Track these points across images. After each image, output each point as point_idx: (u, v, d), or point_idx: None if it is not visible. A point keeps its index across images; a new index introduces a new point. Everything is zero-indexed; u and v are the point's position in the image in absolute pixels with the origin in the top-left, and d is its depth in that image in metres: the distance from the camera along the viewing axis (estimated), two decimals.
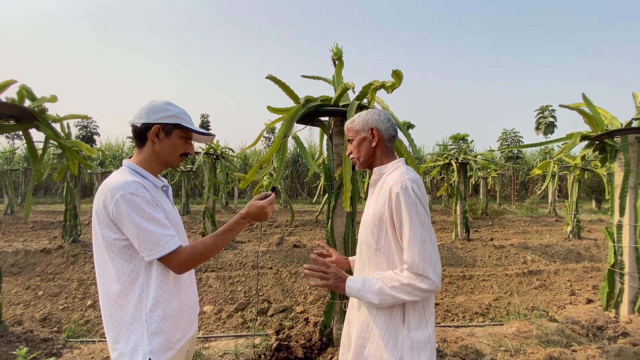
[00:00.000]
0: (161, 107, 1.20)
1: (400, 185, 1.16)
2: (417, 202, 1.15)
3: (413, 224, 1.13)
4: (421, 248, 1.12)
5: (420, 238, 1.13)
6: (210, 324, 3.60)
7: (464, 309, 3.92)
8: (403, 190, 1.15)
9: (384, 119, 1.32)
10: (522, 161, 21.13)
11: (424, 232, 1.14)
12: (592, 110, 3.36)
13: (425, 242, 1.13)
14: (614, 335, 2.94)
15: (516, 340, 2.82)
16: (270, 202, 1.29)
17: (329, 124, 2.77)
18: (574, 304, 4.04)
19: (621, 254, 3.29)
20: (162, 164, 1.25)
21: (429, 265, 1.12)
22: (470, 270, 5.20)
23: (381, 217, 1.21)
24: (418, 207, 1.15)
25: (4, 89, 2.87)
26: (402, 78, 2.13)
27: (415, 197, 1.15)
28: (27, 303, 4.01)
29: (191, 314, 1.27)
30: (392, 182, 1.20)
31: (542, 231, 8.54)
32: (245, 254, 5.60)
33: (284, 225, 9.08)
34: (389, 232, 1.20)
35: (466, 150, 8.21)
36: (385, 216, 1.20)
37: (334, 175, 2.65)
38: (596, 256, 6.07)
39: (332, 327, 2.69)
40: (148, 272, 1.13)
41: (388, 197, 1.19)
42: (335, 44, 2.73)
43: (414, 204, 1.14)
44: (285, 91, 2.55)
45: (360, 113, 1.37)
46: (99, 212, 1.10)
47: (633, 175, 3.23)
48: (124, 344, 1.11)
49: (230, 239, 1.24)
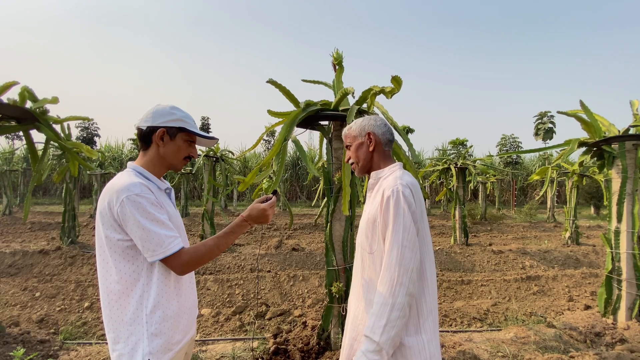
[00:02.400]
0: (166, 111, 1.22)
1: (392, 189, 1.18)
2: (404, 208, 1.15)
3: (396, 228, 1.14)
4: (399, 252, 1.13)
5: (400, 243, 1.13)
6: (207, 327, 3.59)
7: (462, 314, 3.91)
8: (394, 194, 1.17)
9: (380, 124, 1.34)
10: (521, 166, 21.20)
11: (406, 237, 1.14)
12: (590, 117, 3.38)
13: (406, 248, 1.13)
14: (612, 341, 2.95)
15: (514, 346, 2.82)
16: (271, 205, 1.30)
17: (329, 128, 2.79)
18: (572, 310, 4.04)
19: (619, 260, 3.30)
20: (166, 167, 1.27)
21: (405, 270, 1.12)
22: (469, 275, 5.20)
23: (375, 220, 1.23)
24: (405, 213, 1.15)
25: (6, 90, 2.89)
26: (401, 84, 2.15)
27: (404, 202, 1.16)
28: (24, 304, 3.99)
29: (190, 316, 1.28)
30: (385, 186, 1.22)
31: (541, 237, 8.55)
32: (244, 257, 5.60)
33: (283, 228, 9.08)
34: (380, 236, 1.21)
35: (465, 155, 8.24)
36: (378, 220, 1.21)
37: (334, 179, 2.66)
38: (594, 262, 6.07)
39: (330, 331, 2.69)
40: (150, 274, 1.14)
41: (380, 200, 1.20)
42: (336, 49, 2.75)
43: (401, 208, 1.15)
44: (286, 95, 2.57)
45: (356, 120, 1.40)
46: (104, 213, 1.11)
47: (630, 182, 3.25)
48: (123, 345, 1.12)
49: (232, 241, 1.25)
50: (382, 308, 1.12)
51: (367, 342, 1.13)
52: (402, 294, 1.11)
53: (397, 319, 1.11)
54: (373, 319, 1.13)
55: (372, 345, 1.11)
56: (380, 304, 1.13)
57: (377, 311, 1.13)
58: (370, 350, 1.11)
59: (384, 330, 1.10)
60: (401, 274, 1.11)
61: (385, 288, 1.13)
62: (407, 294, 1.11)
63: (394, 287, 1.11)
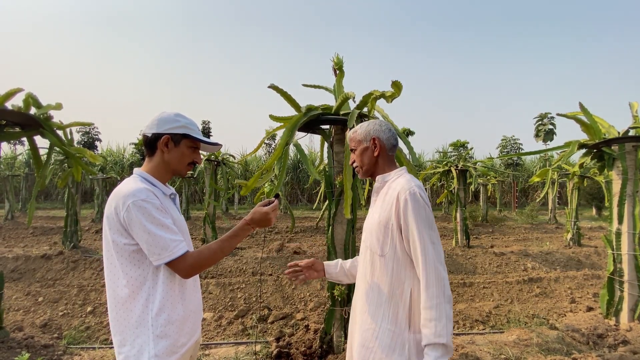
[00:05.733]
0: (171, 118, 1.25)
1: (409, 191, 1.20)
2: (425, 207, 1.20)
3: (423, 228, 1.18)
4: (434, 250, 1.17)
5: (430, 240, 1.18)
6: (210, 330, 3.59)
7: (464, 317, 3.91)
8: (411, 196, 1.20)
9: (385, 129, 1.37)
10: (522, 168, 21.18)
11: (433, 234, 1.19)
12: (590, 119, 3.40)
13: (435, 244, 1.18)
14: (614, 343, 2.94)
15: (516, 348, 2.82)
16: (273, 208, 1.33)
17: (330, 132, 2.81)
18: (575, 311, 4.03)
19: (620, 262, 3.31)
20: (171, 173, 1.30)
21: (442, 265, 1.17)
22: (471, 278, 5.19)
23: (387, 223, 1.24)
24: (427, 211, 1.20)
25: (11, 97, 2.92)
26: (401, 88, 2.17)
27: (423, 202, 1.20)
28: (28, 309, 4.01)
29: (195, 319, 1.29)
30: (399, 189, 1.23)
31: (543, 238, 8.53)
32: (246, 261, 5.61)
33: (285, 231, 9.08)
34: (395, 237, 1.23)
35: (466, 157, 8.26)
36: (392, 222, 1.23)
37: (335, 182, 2.68)
38: (596, 264, 6.06)
39: (332, 334, 2.70)
40: (155, 277, 1.17)
41: (395, 203, 1.22)
42: (336, 54, 2.79)
43: (421, 208, 1.19)
44: (287, 100, 2.60)
45: (362, 124, 1.41)
46: (110, 218, 1.14)
47: (631, 183, 3.26)
48: (129, 348, 1.14)
49: (235, 244, 1.27)
50: (438, 308, 1.12)
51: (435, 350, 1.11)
52: (447, 286, 1.15)
53: (450, 311, 1.14)
54: (433, 324, 1.11)
55: (442, 349, 1.11)
56: (434, 306, 1.13)
57: (434, 315, 1.12)
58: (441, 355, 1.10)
59: (447, 329, 1.11)
60: (441, 270, 1.16)
61: (434, 288, 1.14)
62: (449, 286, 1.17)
63: (441, 283, 1.15)
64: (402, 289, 1.22)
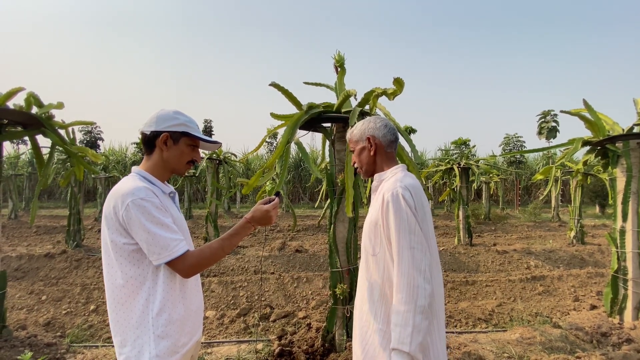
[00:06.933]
0: (170, 116, 1.23)
1: (391, 192, 1.17)
2: (406, 210, 1.14)
3: (402, 231, 1.13)
4: (410, 255, 1.12)
5: (409, 245, 1.12)
6: (212, 329, 3.60)
7: (466, 315, 3.90)
8: (393, 197, 1.16)
9: (380, 126, 1.33)
10: (525, 166, 21.05)
11: (413, 239, 1.13)
12: (593, 115, 3.37)
13: (414, 249, 1.12)
14: (618, 341, 2.92)
15: (520, 346, 2.81)
16: (274, 207, 1.31)
17: (331, 130, 2.80)
18: (578, 310, 4.01)
19: (624, 260, 3.28)
20: (170, 171, 1.28)
21: (418, 272, 1.11)
22: (473, 276, 5.18)
23: (376, 223, 1.23)
24: (407, 215, 1.14)
25: (12, 96, 2.92)
26: (403, 85, 2.15)
27: (405, 204, 1.14)
28: (31, 307, 4.03)
29: (196, 318, 1.28)
30: (385, 189, 1.22)
31: (546, 236, 8.49)
32: (247, 259, 5.61)
33: (286, 230, 9.09)
34: (383, 238, 1.21)
35: (468, 155, 8.22)
36: (380, 222, 1.21)
37: (336, 180, 2.67)
38: (600, 262, 6.02)
39: (334, 332, 2.69)
40: (155, 277, 1.15)
41: (381, 203, 1.20)
42: (337, 52, 2.77)
43: (402, 211, 1.14)
44: (289, 98, 2.58)
45: (357, 123, 1.39)
46: (109, 217, 1.12)
47: (635, 181, 3.23)
48: (130, 348, 1.13)
49: (236, 243, 1.26)
50: (405, 315, 1.08)
51: (400, 356, 1.08)
52: (421, 296, 1.09)
53: (421, 323, 1.08)
54: (398, 330, 1.09)
55: (403, 357, 1.07)
56: (401, 312, 1.09)
57: (399, 321, 1.09)
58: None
59: (412, 338, 1.06)
60: (416, 277, 1.10)
61: (404, 294, 1.10)
62: (426, 296, 1.09)
63: (412, 291, 1.09)
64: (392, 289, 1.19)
